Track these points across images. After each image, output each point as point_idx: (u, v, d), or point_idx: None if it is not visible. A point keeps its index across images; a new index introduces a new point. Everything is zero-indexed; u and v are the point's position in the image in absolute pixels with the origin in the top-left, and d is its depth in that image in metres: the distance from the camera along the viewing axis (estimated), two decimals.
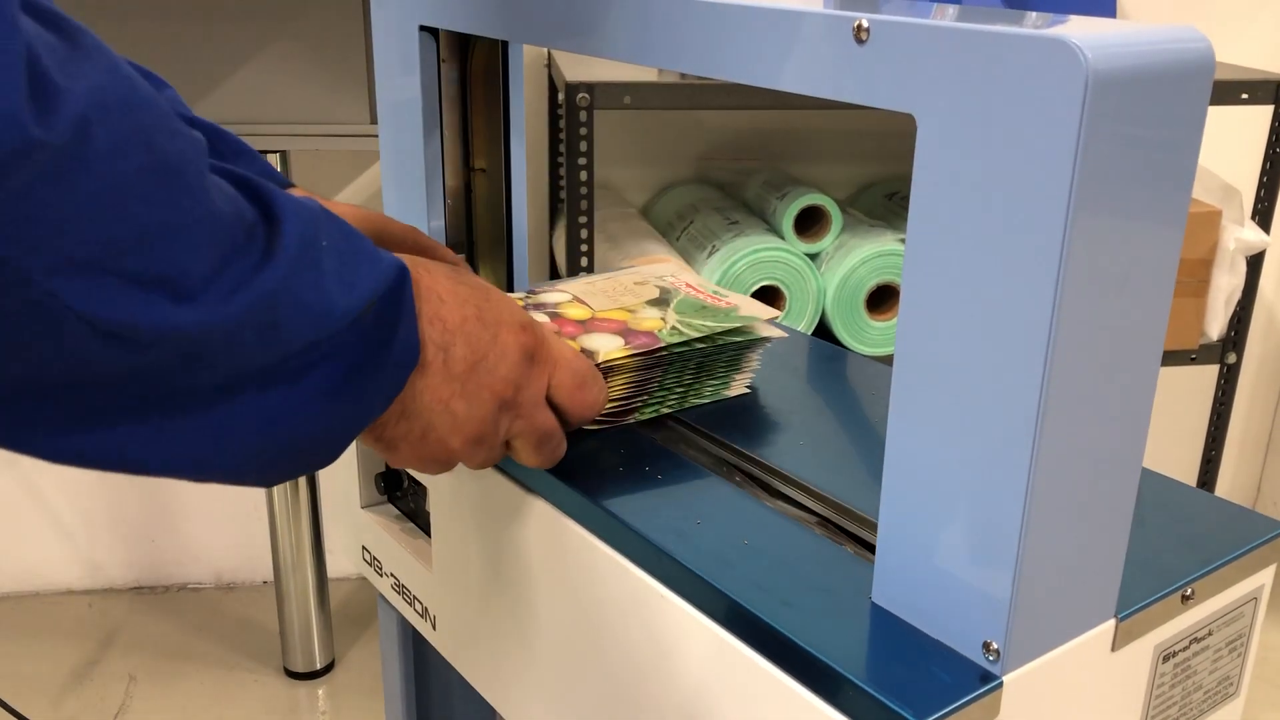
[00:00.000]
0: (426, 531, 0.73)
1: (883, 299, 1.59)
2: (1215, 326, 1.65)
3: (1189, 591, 0.51)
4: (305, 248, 0.44)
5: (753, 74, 0.49)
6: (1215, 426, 1.76)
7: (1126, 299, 0.43)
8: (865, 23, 0.43)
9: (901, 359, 0.45)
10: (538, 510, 0.60)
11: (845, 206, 1.67)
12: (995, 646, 0.44)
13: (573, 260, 1.46)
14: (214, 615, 1.95)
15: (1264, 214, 1.64)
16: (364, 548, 0.79)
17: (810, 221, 1.62)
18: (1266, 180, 1.63)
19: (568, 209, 1.45)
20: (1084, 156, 0.38)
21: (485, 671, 0.68)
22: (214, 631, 1.90)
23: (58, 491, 1.96)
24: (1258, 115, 1.60)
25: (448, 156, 0.74)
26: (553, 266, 1.80)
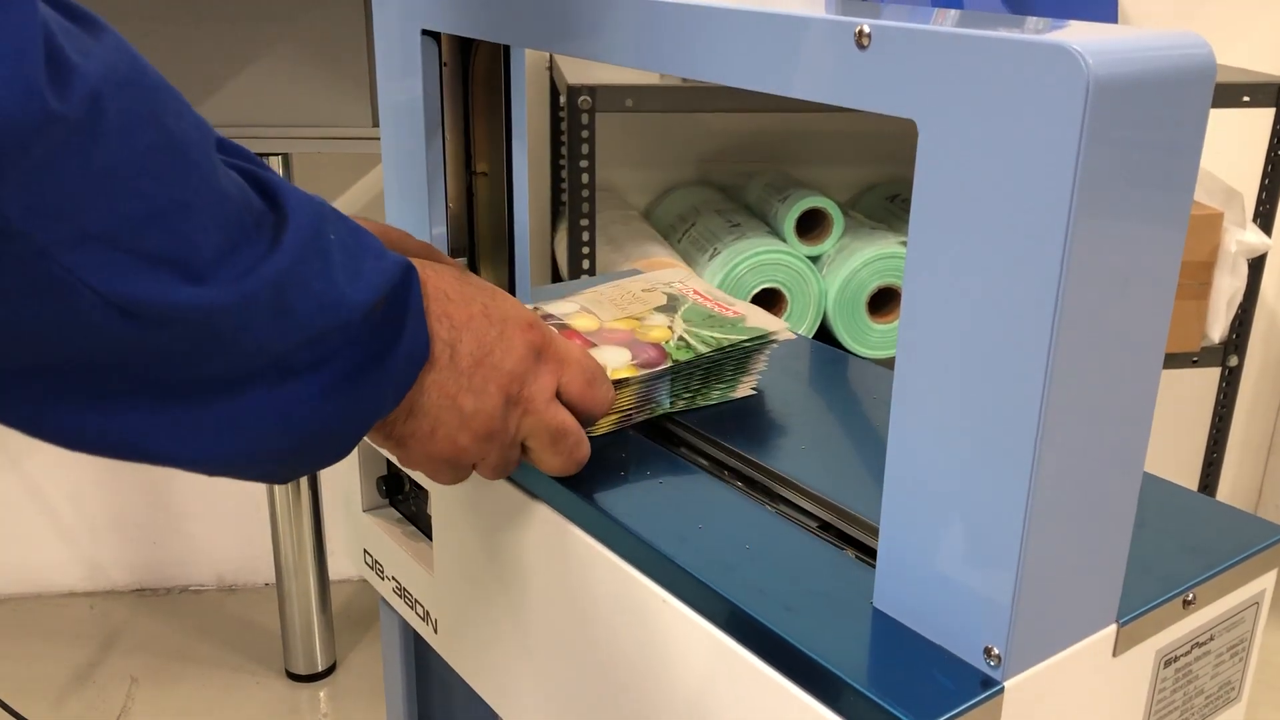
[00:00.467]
0: (428, 535, 0.74)
1: (884, 301, 1.59)
2: (1217, 329, 1.65)
3: (1190, 596, 0.51)
4: (313, 237, 0.44)
5: (754, 79, 0.49)
6: (1216, 430, 1.76)
7: (1128, 303, 0.43)
8: (867, 28, 0.43)
9: (903, 363, 0.45)
10: (539, 514, 0.60)
11: (847, 209, 1.67)
12: (997, 652, 0.44)
13: (574, 263, 1.46)
14: (215, 617, 1.95)
15: (1265, 216, 1.64)
16: (366, 551, 0.79)
17: (812, 224, 1.62)
18: (1268, 183, 1.63)
19: (569, 211, 1.45)
20: (1085, 161, 0.38)
21: (486, 675, 0.68)
22: (215, 633, 1.90)
23: (59, 493, 1.96)
24: (1259, 118, 1.60)
25: (449, 160, 0.74)
26: (554, 269, 1.80)
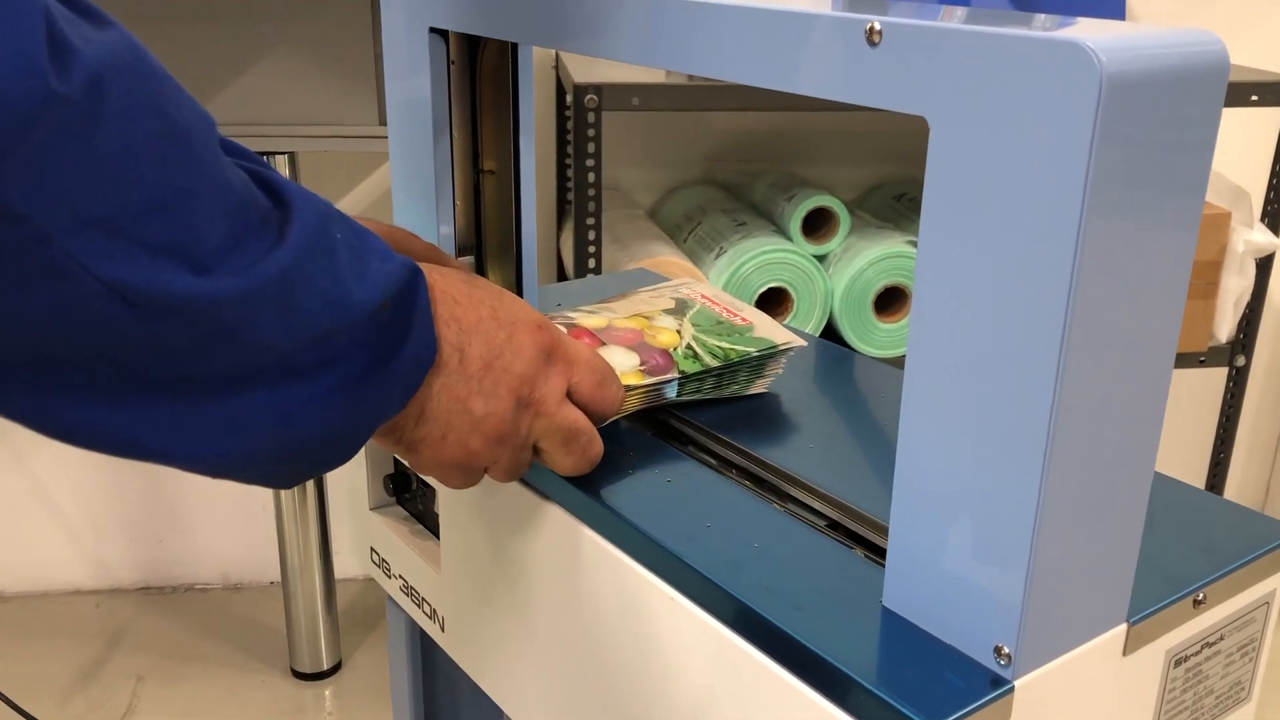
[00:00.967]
0: (435, 533, 0.73)
1: (891, 301, 1.59)
2: (1224, 329, 1.65)
3: (1201, 596, 0.51)
4: (319, 235, 0.44)
5: (763, 77, 0.49)
6: (1224, 429, 1.76)
7: (1139, 302, 0.43)
8: (878, 25, 0.43)
9: (913, 362, 0.45)
10: (546, 512, 0.60)
11: (853, 208, 1.67)
12: (1007, 651, 0.44)
13: (580, 262, 1.46)
14: (221, 616, 1.95)
15: (1273, 216, 1.63)
16: (372, 549, 0.79)
17: (818, 223, 1.61)
18: (1276, 182, 1.63)
19: (575, 210, 1.45)
20: (1097, 159, 0.38)
21: (493, 673, 0.68)
22: (221, 632, 1.90)
23: (65, 492, 1.96)
24: (1267, 117, 1.60)
25: (457, 158, 0.74)
26: (560, 268, 1.80)
